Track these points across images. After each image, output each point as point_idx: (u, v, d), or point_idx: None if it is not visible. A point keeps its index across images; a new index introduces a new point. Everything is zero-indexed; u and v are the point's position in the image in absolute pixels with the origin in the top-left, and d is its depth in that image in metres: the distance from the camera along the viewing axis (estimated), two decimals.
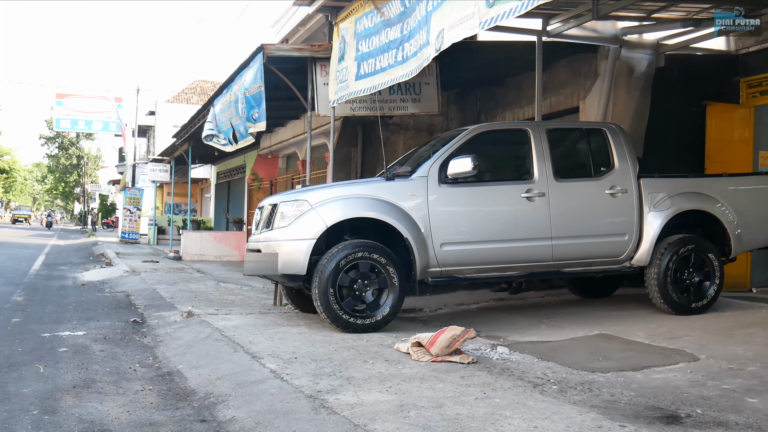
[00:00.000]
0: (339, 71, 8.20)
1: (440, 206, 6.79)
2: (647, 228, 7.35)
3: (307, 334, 6.23)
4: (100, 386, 4.91)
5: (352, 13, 7.95)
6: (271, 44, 9.13)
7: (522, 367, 5.10)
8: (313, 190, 6.97)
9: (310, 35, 15.92)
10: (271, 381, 4.63)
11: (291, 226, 6.60)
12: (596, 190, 7.33)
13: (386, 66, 7.00)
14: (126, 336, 6.97)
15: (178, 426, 4.00)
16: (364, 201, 6.70)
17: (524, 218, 7.04)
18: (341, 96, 8.01)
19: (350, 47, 7.91)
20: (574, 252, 7.20)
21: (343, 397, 4.19)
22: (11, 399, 4.54)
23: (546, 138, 7.23)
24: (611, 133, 7.54)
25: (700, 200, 7.56)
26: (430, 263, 6.75)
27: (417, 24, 6.31)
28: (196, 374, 5.18)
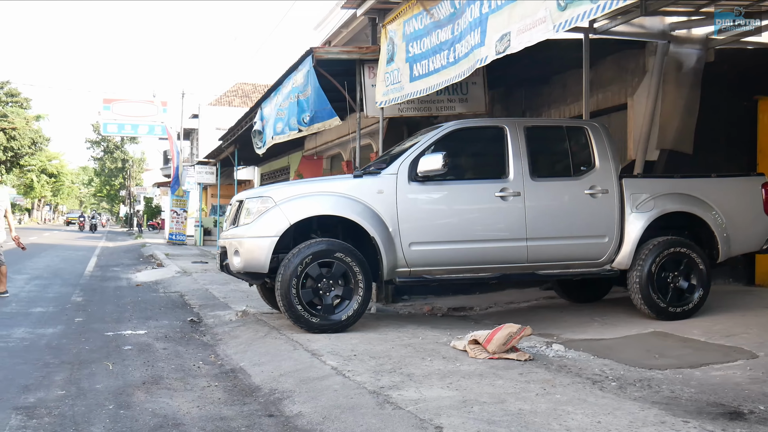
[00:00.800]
0: (388, 73, 8.30)
1: (409, 205, 6.64)
2: (629, 230, 7.08)
3: (362, 332, 6.34)
4: (168, 382, 5.08)
5: (400, 15, 8.04)
6: (320, 47, 9.27)
7: (579, 365, 5.15)
8: (279, 187, 6.92)
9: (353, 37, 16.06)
10: (334, 377, 4.75)
11: (254, 223, 6.52)
12: (575, 190, 7.07)
13: (439, 67, 7.07)
14: (185, 335, 7.17)
15: (248, 420, 4.14)
16: (330, 198, 6.58)
17: (498, 218, 6.85)
18: (394, 97, 8.09)
19: (399, 49, 8.00)
20: (550, 254, 6.99)
21: (405, 392, 4.29)
22: (86, 395, 4.73)
23: (524, 136, 7.02)
24: (593, 131, 7.29)
25: (686, 202, 7.27)
26: (399, 263, 6.61)
27: (468, 25, 6.37)
28: (259, 371, 5.32)
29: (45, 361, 5.80)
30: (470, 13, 6.36)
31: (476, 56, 6.12)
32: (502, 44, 5.74)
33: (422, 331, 6.45)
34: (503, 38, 5.75)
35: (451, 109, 9.31)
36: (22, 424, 4.05)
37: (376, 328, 6.62)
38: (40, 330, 7.40)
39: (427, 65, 7.44)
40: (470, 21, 6.34)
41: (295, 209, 6.45)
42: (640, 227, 7.06)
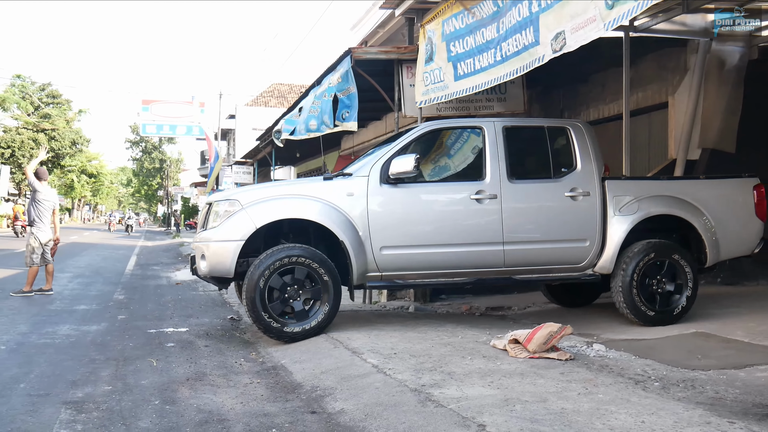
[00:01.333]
0: (427, 72, 8.31)
1: (381, 207, 6.50)
2: (611, 233, 6.88)
3: (401, 331, 6.37)
4: (212, 379, 5.16)
5: (439, 14, 8.05)
6: (358, 47, 9.33)
7: (620, 364, 5.11)
8: (247, 190, 6.81)
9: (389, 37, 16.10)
10: (375, 375, 4.78)
11: (220, 226, 6.39)
12: (554, 193, 6.89)
13: (486, 66, 7.04)
14: (226, 332, 7.26)
15: (291, 417, 4.19)
16: (298, 201, 6.45)
17: (473, 221, 6.69)
18: (436, 96, 8.10)
19: (439, 48, 8.01)
20: (528, 258, 6.82)
21: (447, 391, 4.31)
22: (132, 390, 4.83)
23: (503, 136, 6.86)
24: (575, 132, 7.10)
25: (673, 204, 7.05)
26: (369, 267, 6.47)
27: (517, 24, 6.34)
28: (300, 368, 5.38)
29: (91, 357, 5.92)
30: (518, 12, 6.35)
31: (532, 55, 6.10)
32: (558, 43, 5.73)
33: (461, 330, 6.45)
34: (558, 37, 5.74)
35: (490, 108, 9.30)
36: (72, 418, 4.15)
37: (415, 326, 6.64)
38: (84, 327, 7.55)
39: (472, 64, 7.42)
40: (518, 20, 6.33)
41: (262, 212, 6.32)
42: (623, 231, 6.86)
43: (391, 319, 7.29)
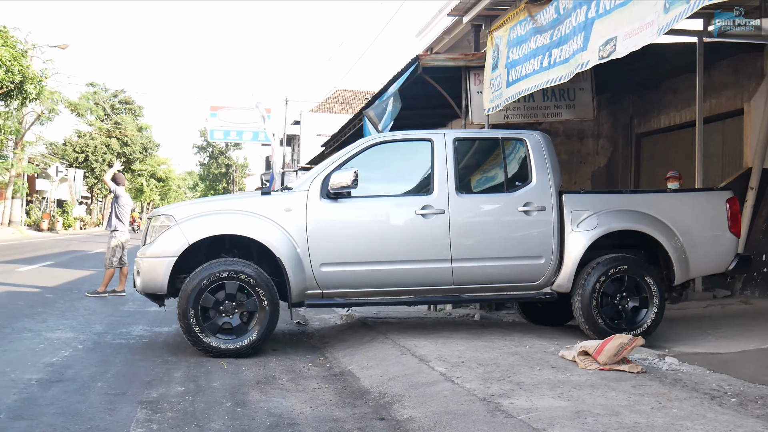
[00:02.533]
0: (493, 79, 8.29)
1: (320, 223, 6.30)
2: (569, 250, 6.56)
3: (468, 339, 6.35)
4: (281, 383, 5.23)
5: (507, 21, 8.02)
6: (425, 54, 9.36)
7: (695, 379, 4.98)
8: (182, 205, 6.65)
9: (454, 44, 16.09)
10: (443, 383, 4.78)
11: (154, 242, 6.28)
12: (507, 207, 6.63)
13: (531, 72, 7.03)
14: (293, 337, 7.35)
15: (359, 423, 4.22)
16: (234, 216, 6.29)
17: (418, 237, 6.43)
18: (497, 104, 8.09)
19: (503, 55, 7.98)
20: (479, 276, 6.54)
21: (516, 401, 4.28)
22: (204, 392, 4.93)
23: (453, 149, 6.63)
24: (532, 143, 6.81)
25: (635, 219, 6.70)
26: (309, 285, 6.27)
27: (571, 30, 6.30)
28: (368, 374, 5.41)
29: (164, 358, 6.06)
30: (574, 18, 6.29)
31: (577, 61, 6.05)
32: (607, 49, 5.66)
33: (528, 339, 6.39)
34: (608, 43, 5.66)
35: (558, 115, 9.20)
36: (148, 417, 4.26)
37: (482, 335, 6.61)
38: (156, 328, 7.75)
39: (520, 70, 7.42)
40: (573, 26, 6.28)
41: (195, 228, 6.17)
42: (582, 247, 6.55)
43: (456, 327, 7.27)
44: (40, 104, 34.08)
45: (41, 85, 28.96)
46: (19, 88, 27.23)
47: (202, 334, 6.00)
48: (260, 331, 6.06)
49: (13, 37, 26.64)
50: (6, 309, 8.81)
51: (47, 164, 45.73)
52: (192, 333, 5.99)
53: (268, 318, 6.07)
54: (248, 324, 6.10)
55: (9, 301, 9.59)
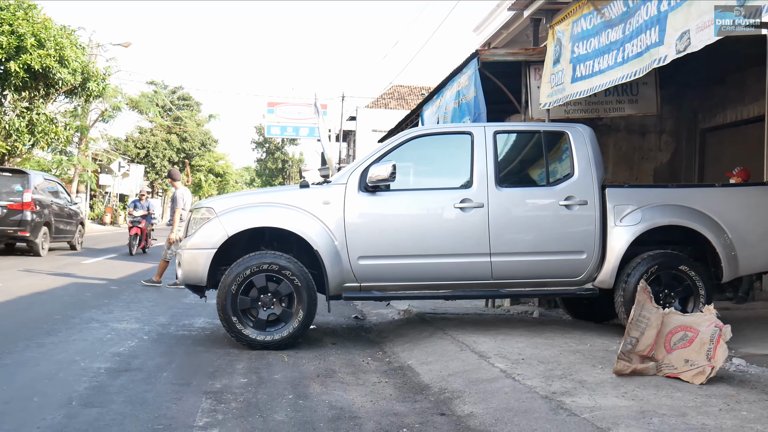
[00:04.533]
0: (554, 74, 8.18)
1: (358, 216, 6.30)
2: (612, 245, 6.45)
3: (528, 336, 6.30)
4: (341, 376, 5.28)
5: (570, 15, 7.89)
6: (484, 49, 9.29)
7: (764, 381, 4.85)
8: (223, 198, 6.73)
9: (513, 38, 15.96)
10: (503, 380, 4.76)
11: (195, 234, 6.36)
12: (547, 201, 6.55)
13: (605, 68, 6.89)
14: (352, 331, 7.41)
15: (420, 418, 4.23)
16: (272, 209, 6.33)
17: (457, 231, 6.38)
18: (557, 99, 7.98)
19: (566, 50, 7.86)
20: (518, 271, 6.46)
21: (579, 399, 4.23)
22: (266, 383, 5.00)
23: (492, 142, 6.56)
24: (574, 136, 6.73)
25: (682, 214, 6.55)
26: (347, 278, 6.27)
27: (643, 23, 6.17)
28: (427, 370, 5.42)
29: (226, 350, 6.16)
30: (645, 11, 6.16)
31: (653, 56, 5.92)
32: (682, 43, 5.52)
33: (589, 337, 6.32)
34: (683, 36, 5.53)
35: (620, 110, 9.04)
36: (213, 407, 4.34)
37: (542, 332, 6.55)
38: (218, 321, 7.79)
39: (591, 66, 7.26)
40: (645, 19, 6.15)
41: (234, 221, 6.24)
42: (624, 242, 6.44)
43: (515, 323, 7.22)
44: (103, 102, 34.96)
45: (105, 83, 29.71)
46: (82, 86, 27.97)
47: (240, 325, 6.08)
48: (299, 322, 6.11)
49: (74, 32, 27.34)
50: (74, 300, 9.08)
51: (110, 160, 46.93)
52: (231, 325, 6.08)
53: (306, 311, 6.10)
54: (286, 317, 6.15)
55: (76, 293, 9.88)
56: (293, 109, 40.91)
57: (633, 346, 4.87)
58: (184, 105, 59.28)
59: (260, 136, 73.14)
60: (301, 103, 40.94)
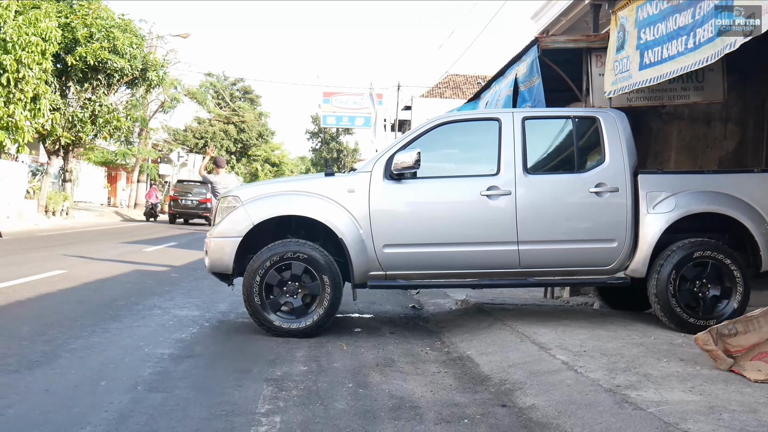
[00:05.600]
0: (617, 61, 7.99)
1: (383, 204, 6.27)
2: (644, 233, 6.30)
3: (589, 328, 6.20)
4: (400, 366, 5.27)
5: (633, 0, 7.71)
6: (544, 37, 9.13)
7: None
8: (249, 186, 6.74)
9: (572, 25, 15.64)
10: (565, 372, 4.68)
11: (221, 222, 6.42)
12: (577, 188, 6.41)
13: (674, 54, 6.69)
14: (409, 321, 7.40)
15: (481, 409, 4.19)
16: (298, 197, 6.35)
17: (483, 218, 6.29)
18: (622, 87, 7.79)
19: (630, 36, 7.67)
20: (547, 259, 6.35)
21: (644, 393, 4.13)
22: (326, 372, 5.03)
23: (521, 128, 6.47)
24: (606, 121, 6.61)
25: (718, 201, 6.34)
26: (371, 266, 6.25)
27: (712, 7, 5.98)
28: (487, 361, 5.37)
29: (285, 338, 6.21)
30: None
31: (725, 41, 5.73)
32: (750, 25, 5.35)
33: (653, 330, 6.18)
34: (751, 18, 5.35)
35: (685, 97, 8.79)
36: (274, 395, 4.38)
37: (603, 324, 6.44)
38: None
39: (660, 52, 7.07)
40: (716, 2, 5.96)
41: (259, 209, 6.28)
42: (657, 230, 6.28)
43: (576, 315, 7.11)
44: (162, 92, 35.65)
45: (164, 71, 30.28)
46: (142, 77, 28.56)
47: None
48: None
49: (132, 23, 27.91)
50: (136, 287, 9.28)
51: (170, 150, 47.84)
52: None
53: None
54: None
55: (138, 280, 10.11)
56: (349, 99, 41.07)
57: (728, 335, 4.73)
58: (245, 97, 60.03)
59: (315, 125, 73.70)
60: (357, 93, 41.06)
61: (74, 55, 24.70)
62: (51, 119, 23.89)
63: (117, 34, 25.91)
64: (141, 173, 38.70)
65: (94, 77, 26.63)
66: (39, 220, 25.10)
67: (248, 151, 56.89)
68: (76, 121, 26.34)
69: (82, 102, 26.70)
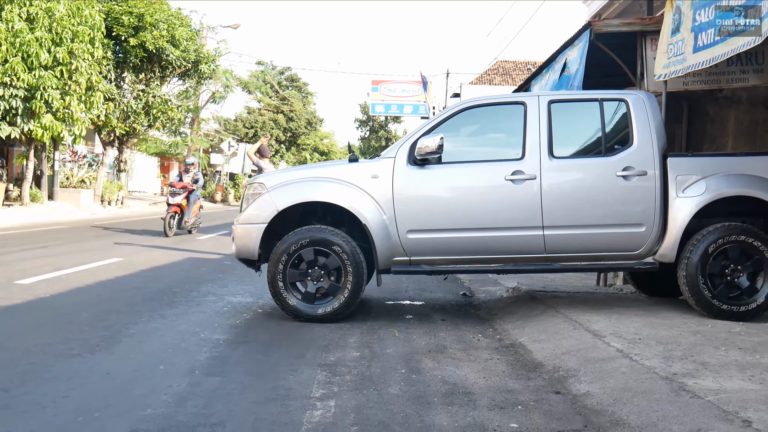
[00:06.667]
0: (672, 44, 7.83)
1: (407, 190, 6.24)
2: (673, 217, 6.14)
3: (643, 316, 6.11)
4: (452, 352, 5.28)
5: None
6: (597, 21, 8.98)
7: None
8: (274, 173, 6.78)
9: (624, 9, 15.35)
10: (620, 360, 4.63)
11: (247, 209, 6.52)
12: (603, 172, 6.26)
13: (726, 36, 6.54)
14: (460, 308, 7.39)
15: (535, 395, 4.18)
16: (322, 183, 6.39)
17: (508, 203, 6.22)
18: (675, 70, 7.63)
19: (686, 18, 7.50)
20: (573, 244, 6.24)
21: (702, 382, 4.07)
22: (379, 357, 5.07)
23: (547, 112, 6.36)
24: (635, 103, 6.43)
25: (751, 184, 6.13)
26: (396, 252, 6.26)
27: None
28: (540, 348, 5.34)
29: (337, 324, 6.26)
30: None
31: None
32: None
33: (709, 318, 6.06)
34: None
35: (744, 80, 8.56)
36: (328, 379, 4.44)
37: (658, 312, 6.34)
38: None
39: (712, 34, 6.91)
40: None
41: (284, 195, 6.36)
42: (687, 214, 6.13)
43: (629, 303, 7.02)
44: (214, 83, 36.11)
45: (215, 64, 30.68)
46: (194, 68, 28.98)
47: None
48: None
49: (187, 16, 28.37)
50: (191, 274, 9.46)
51: (221, 140, 48.46)
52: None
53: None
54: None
55: (193, 267, 10.30)
56: (397, 87, 41.04)
57: None
58: (292, 86, 60.42)
59: (364, 114, 73.81)
60: (406, 81, 41.00)
61: (138, 38, 25.20)
62: (105, 109, 24.40)
63: (175, 23, 26.42)
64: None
65: (149, 68, 27.13)
66: (95, 209, 25.72)
67: (297, 140, 57.27)
68: (130, 112, 26.87)
69: (136, 93, 27.21)
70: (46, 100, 19.81)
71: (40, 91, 19.65)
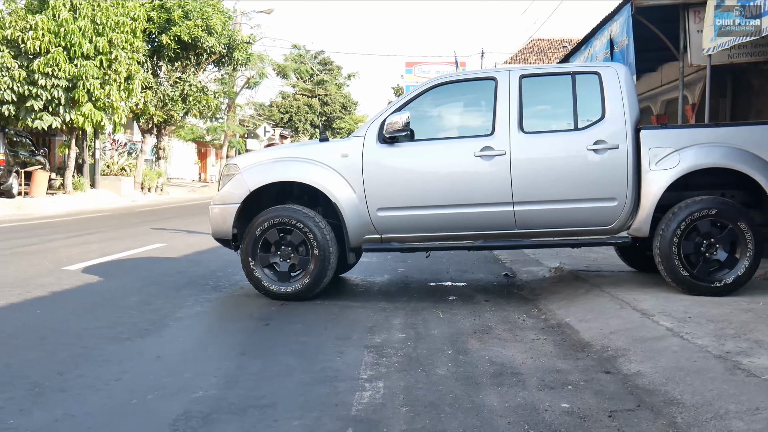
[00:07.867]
0: (718, 16, 7.65)
1: (376, 167, 6.27)
2: (646, 190, 6.05)
3: (692, 295, 6.01)
4: (497, 333, 5.25)
5: None
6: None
7: None
8: (248, 154, 6.80)
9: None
10: (670, 339, 4.56)
11: (221, 190, 6.61)
12: (574, 146, 6.16)
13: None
14: (503, 288, 7.34)
15: (584, 375, 4.13)
16: (292, 164, 6.45)
17: (477, 180, 6.19)
18: (721, 43, 7.47)
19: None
20: (544, 219, 6.20)
21: (757, 360, 3.99)
22: (424, 339, 5.06)
23: (518, 86, 6.28)
24: (608, 76, 6.27)
25: (727, 155, 5.95)
26: (366, 230, 6.32)
27: None
28: (587, 327, 5.29)
29: (381, 306, 6.28)
30: None
31: None
32: None
33: (761, 296, 5.95)
34: None
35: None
36: (375, 361, 4.44)
37: None
38: (370, 278, 8.05)
39: (763, 5, 6.74)
40: None
41: (255, 176, 6.43)
42: (659, 187, 6.02)
43: None
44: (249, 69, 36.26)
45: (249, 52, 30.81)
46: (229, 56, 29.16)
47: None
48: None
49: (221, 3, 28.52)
50: (232, 258, 9.49)
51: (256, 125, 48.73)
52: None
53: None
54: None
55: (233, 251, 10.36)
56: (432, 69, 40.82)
57: None
58: (325, 69, 60.44)
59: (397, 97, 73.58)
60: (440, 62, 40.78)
61: (169, 35, 25.43)
62: (143, 97, 24.68)
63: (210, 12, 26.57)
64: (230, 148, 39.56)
65: (185, 56, 27.34)
66: (136, 196, 26.10)
67: (332, 124, 57.37)
68: (167, 100, 27.14)
69: (173, 81, 27.46)
70: (88, 89, 20.09)
71: (83, 81, 19.92)
